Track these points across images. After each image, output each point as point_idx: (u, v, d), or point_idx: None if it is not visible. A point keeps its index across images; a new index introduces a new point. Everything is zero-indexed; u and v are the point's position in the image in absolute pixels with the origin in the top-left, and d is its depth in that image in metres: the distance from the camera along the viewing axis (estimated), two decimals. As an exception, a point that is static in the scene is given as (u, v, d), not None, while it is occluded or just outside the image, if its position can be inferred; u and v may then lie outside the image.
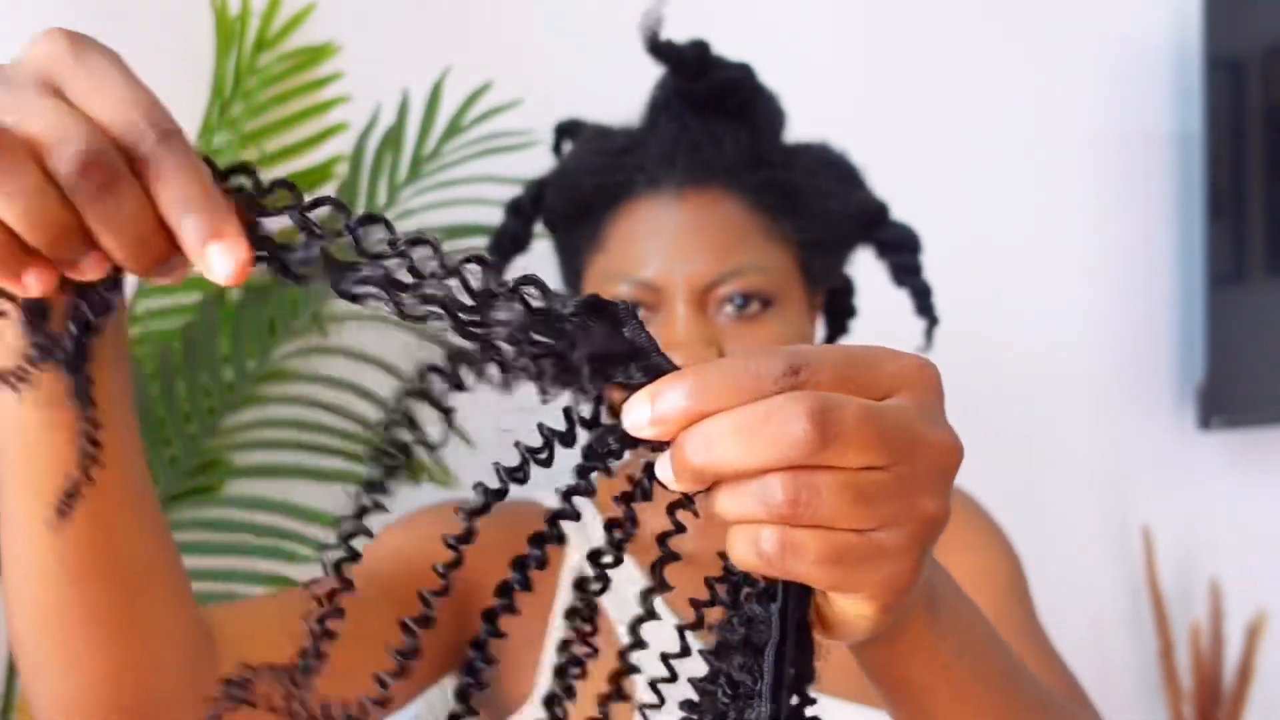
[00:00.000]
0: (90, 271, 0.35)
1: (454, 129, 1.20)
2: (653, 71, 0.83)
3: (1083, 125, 1.60)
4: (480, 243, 1.17)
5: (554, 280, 0.90)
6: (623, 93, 0.88)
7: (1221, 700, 1.56)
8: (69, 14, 1.15)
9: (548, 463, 0.36)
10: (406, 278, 0.33)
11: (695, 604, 0.40)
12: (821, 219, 0.80)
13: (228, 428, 1.10)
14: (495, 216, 1.15)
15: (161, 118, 0.35)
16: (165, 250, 0.35)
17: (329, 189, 1.21)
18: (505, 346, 0.34)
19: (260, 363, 1.11)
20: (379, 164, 1.19)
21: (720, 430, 0.34)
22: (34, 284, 0.34)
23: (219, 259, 0.34)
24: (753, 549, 0.35)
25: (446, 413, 0.35)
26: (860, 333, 0.96)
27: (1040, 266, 1.59)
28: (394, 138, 1.19)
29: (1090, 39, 1.60)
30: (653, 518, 0.89)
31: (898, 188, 0.91)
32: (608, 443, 0.36)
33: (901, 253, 0.86)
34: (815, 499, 0.34)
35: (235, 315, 1.12)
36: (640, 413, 0.35)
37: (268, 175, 0.36)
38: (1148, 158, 1.65)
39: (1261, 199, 1.65)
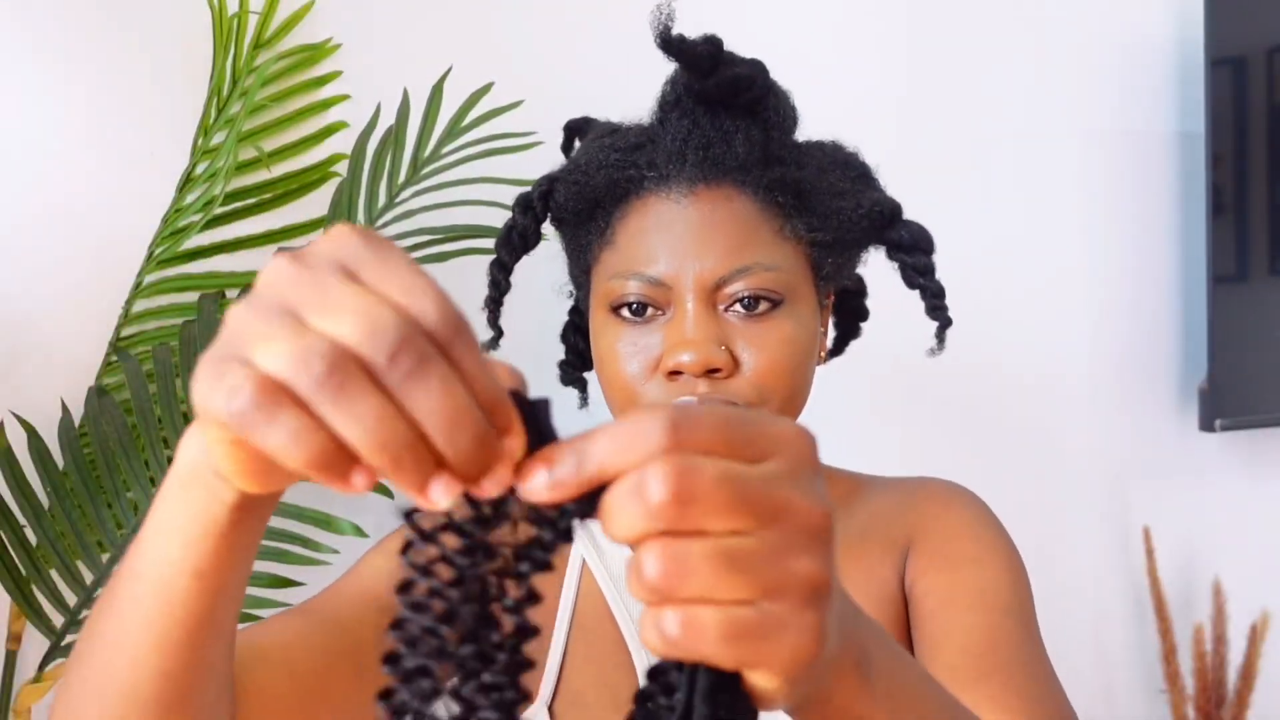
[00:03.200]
0: (439, 497, 0.36)
1: (454, 130, 1.19)
2: (654, 72, 0.82)
3: (1084, 124, 1.60)
4: (480, 243, 1.16)
5: (562, 277, 0.90)
6: (624, 94, 0.87)
7: (1225, 702, 1.56)
8: (70, 13, 1.15)
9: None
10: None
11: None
12: (834, 218, 0.78)
13: (226, 428, 1.09)
14: (495, 217, 1.15)
15: (454, 310, 0.35)
16: (482, 432, 0.35)
17: (328, 188, 1.21)
18: None
19: (259, 363, 1.11)
20: (379, 164, 1.18)
21: (605, 507, 0.36)
22: (441, 495, 0.35)
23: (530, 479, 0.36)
24: (658, 634, 0.35)
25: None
26: (872, 334, 0.95)
27: (1042, 266, 1.59)
28: (394, 138, 1.19)
29: (1092, 38, 1.60)
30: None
31: (898, 188, 0.90)
32: (545, 518, 0.38)
33: (914, 254, 0.84)
34: (684, 566, 0.35)
35: (234, 315, 1.11)
36: (539, 479, 0.37)
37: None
38: (1150, 157, 1.65)
39: (1264, 198, 1.65)
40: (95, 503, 1.05)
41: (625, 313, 0.76)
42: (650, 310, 0.76)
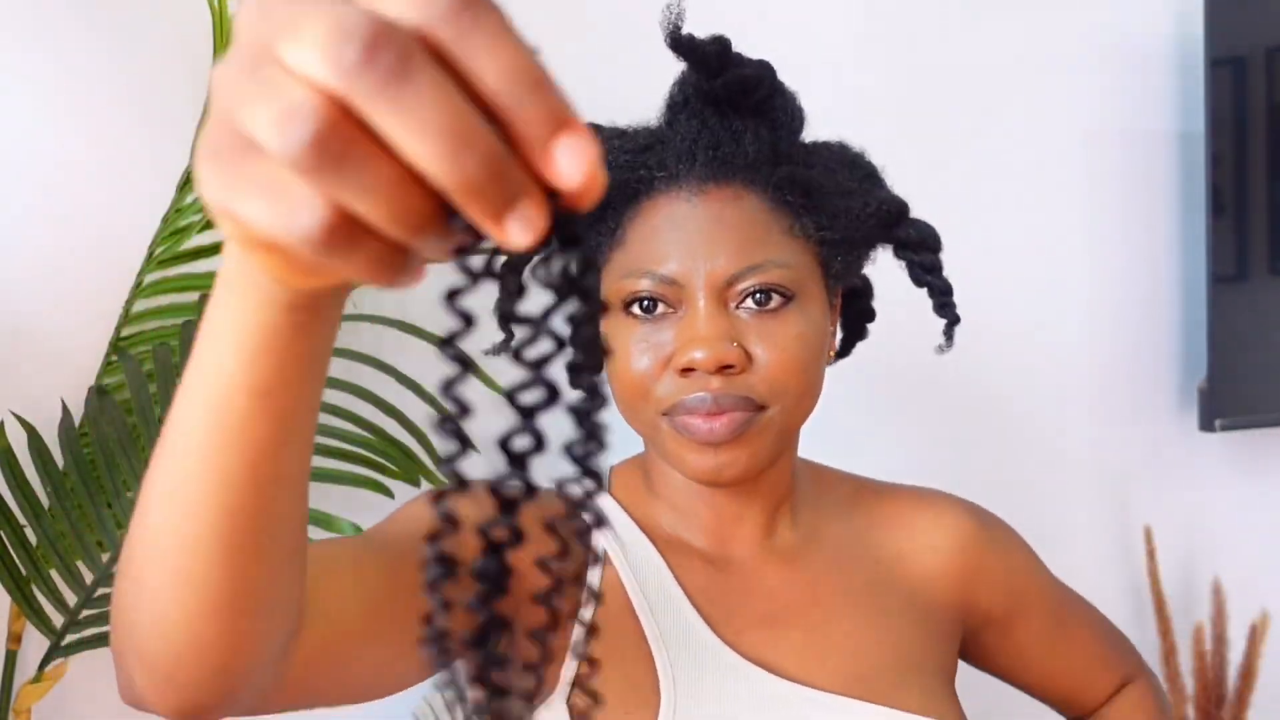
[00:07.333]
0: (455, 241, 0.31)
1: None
2: (662, 73, 0.82)
3: (1084, 124, 1.60)
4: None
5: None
6: (633, 96, 0.87)
7: (1225, 702, 1.56)
8: (70, 14, 1.14)
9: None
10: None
11: None
12: (842, 217, 0.79)
13: (226, 428, 1.09)
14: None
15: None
16: (486, 151, 0.29)
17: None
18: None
19: (259, 363, 1.10)
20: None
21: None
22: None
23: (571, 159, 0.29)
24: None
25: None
26: (869, 335, 0.95)
27: (1041, 266, 1.59)
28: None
29: (1092, 38, 1.60)
30: (668, 510, 0.86)
31: (898, 188, 0.90)
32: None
33: (922, 251, 0.85)
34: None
35: (234, 315, 1.11)
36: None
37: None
38: (1149, 157, 1.65)
39: (1264, 198, 1.65)
40: (95, 503, 1.05)
41: (637, 309, 0.76)
42: (662, 307, 0.76)
